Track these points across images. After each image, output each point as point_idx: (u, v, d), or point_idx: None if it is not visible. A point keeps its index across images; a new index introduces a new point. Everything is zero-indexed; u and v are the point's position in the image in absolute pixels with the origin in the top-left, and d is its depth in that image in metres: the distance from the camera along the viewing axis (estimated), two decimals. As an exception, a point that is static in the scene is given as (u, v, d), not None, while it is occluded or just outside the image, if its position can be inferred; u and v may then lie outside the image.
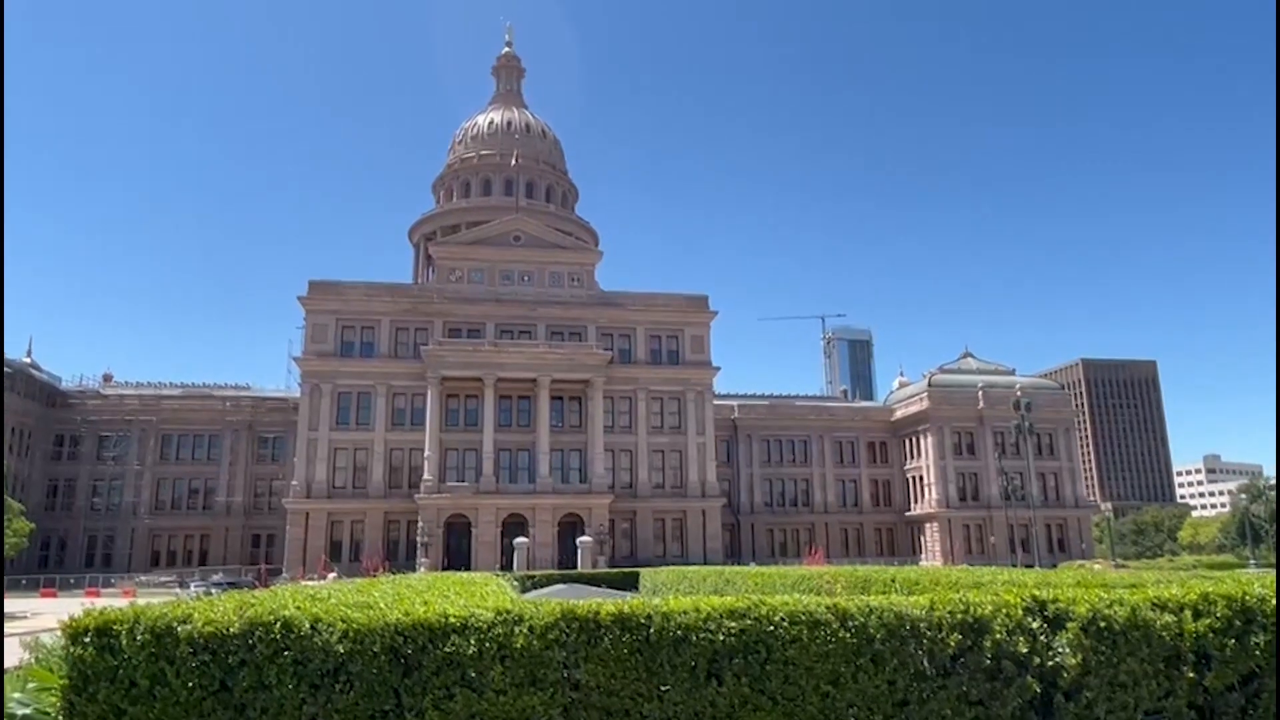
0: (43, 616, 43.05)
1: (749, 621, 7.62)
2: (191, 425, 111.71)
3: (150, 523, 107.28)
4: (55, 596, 71.93)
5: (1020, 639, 7.87)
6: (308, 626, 7.22)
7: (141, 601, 7.86)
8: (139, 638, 7.01)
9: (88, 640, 7.04)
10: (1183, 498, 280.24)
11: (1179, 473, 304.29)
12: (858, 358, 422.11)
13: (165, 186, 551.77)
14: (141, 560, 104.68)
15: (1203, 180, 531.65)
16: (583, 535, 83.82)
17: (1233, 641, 8.19)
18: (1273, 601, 8.46)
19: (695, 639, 7.49)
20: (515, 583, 27.12)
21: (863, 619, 7.75)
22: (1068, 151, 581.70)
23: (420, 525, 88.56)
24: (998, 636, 7.84)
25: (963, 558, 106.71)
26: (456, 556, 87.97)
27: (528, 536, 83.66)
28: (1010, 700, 7.75)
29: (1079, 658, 7.87)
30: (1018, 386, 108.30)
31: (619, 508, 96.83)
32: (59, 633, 7.55)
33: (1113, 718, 7.94)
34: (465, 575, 20.93)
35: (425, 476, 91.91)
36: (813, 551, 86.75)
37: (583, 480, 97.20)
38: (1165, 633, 8.12)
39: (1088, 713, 7.89)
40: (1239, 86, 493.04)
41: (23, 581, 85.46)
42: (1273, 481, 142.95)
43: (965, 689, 7.76)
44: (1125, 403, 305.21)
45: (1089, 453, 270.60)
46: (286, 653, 7.11)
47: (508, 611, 7.54)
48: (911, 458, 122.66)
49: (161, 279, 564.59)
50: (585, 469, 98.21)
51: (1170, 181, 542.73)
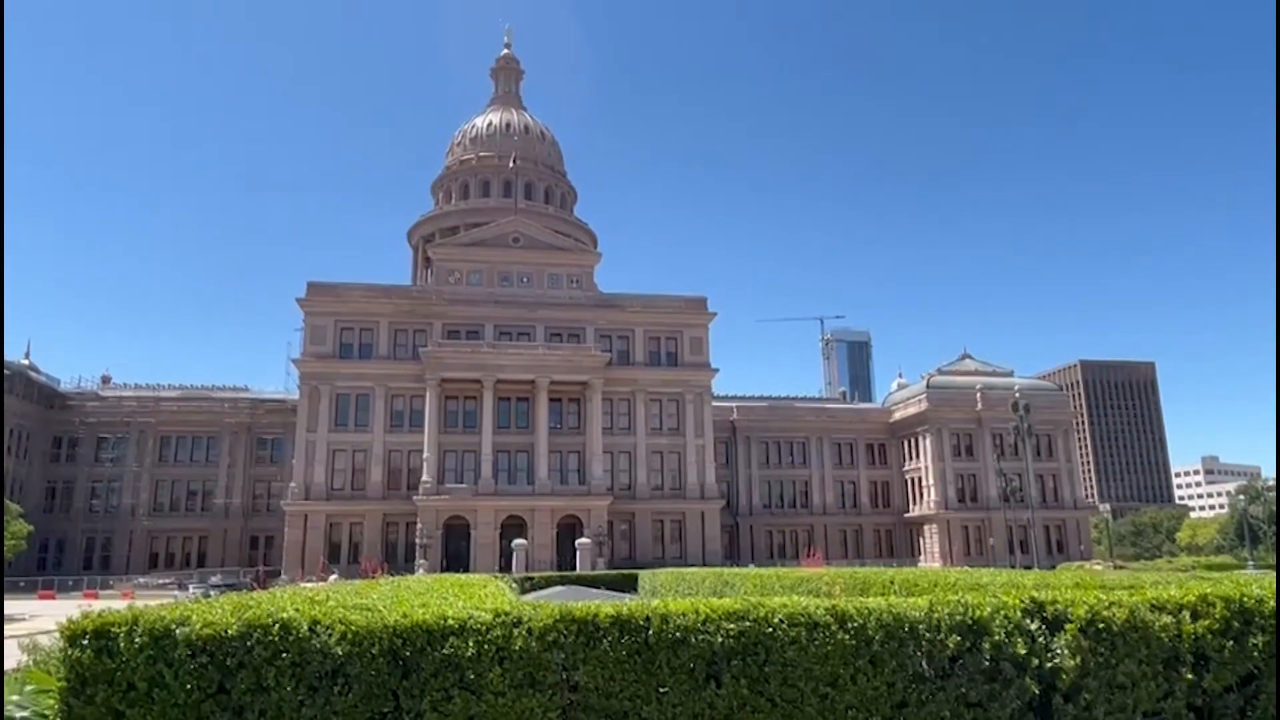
0: (41, 619, 42.96)
1: (748, 623, 7.61)
2: (190, 427, 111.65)
3: (149, 525, 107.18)
4: (53, 598, 71.87)
5: (1019, 640, 7.87)
6: (306, 628, 7.21)
7: (140, 603, 7.84)
8: (137, 640, 7.00)
9: (86, 642, 7.02)
10: (1181, 499, 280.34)
11: (1177, 474, 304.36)
12: (856, 359, 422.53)
13: (164, 188, 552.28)
14: (140, 562, 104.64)
15: (1202, 182, 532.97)
16: (581, 537, 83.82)
17: (1231, 643, 8.20)
18: (1271, 603, 8.46)
19: (694, 641, 7.49)
20: (514, 584, 27.09)
21: (861, 621, 7.75)
22: (1067, 153, 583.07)
23: (419, 527, 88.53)
24: (996, 638, 7.84)
25: (961, 559, 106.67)
26: (455, 558, 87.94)
27: (526, 538, 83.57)
28: (1009, 702, 7.75)
29: (1077, 659, 7.87)
30: (1016, 388, 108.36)
31: (618, 509, 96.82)
32: (57, 635, 7.53)
33: (1111, 719, 7.95)
34: (464, 577, 20.88)
35: (424, 478, 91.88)
36: (811, 553, 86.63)
37: (581, 482, 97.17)
38: (1164, 634, 8.12)
39: (1086, 714, 7.89)
40: (1239, 88, 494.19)
41: (21, 583, 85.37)
42: (1271, 483, 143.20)
43: (964, 691, 7.76)
44: (1124, 404, 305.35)
45: (1087, 454, 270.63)
46: (285, 655, 7.10)
47: (506, 613, 7.53)
48: (910, 459, 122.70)
49: (160, 280, 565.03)
50: (584, 471, 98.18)
51: (1169, 183, 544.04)
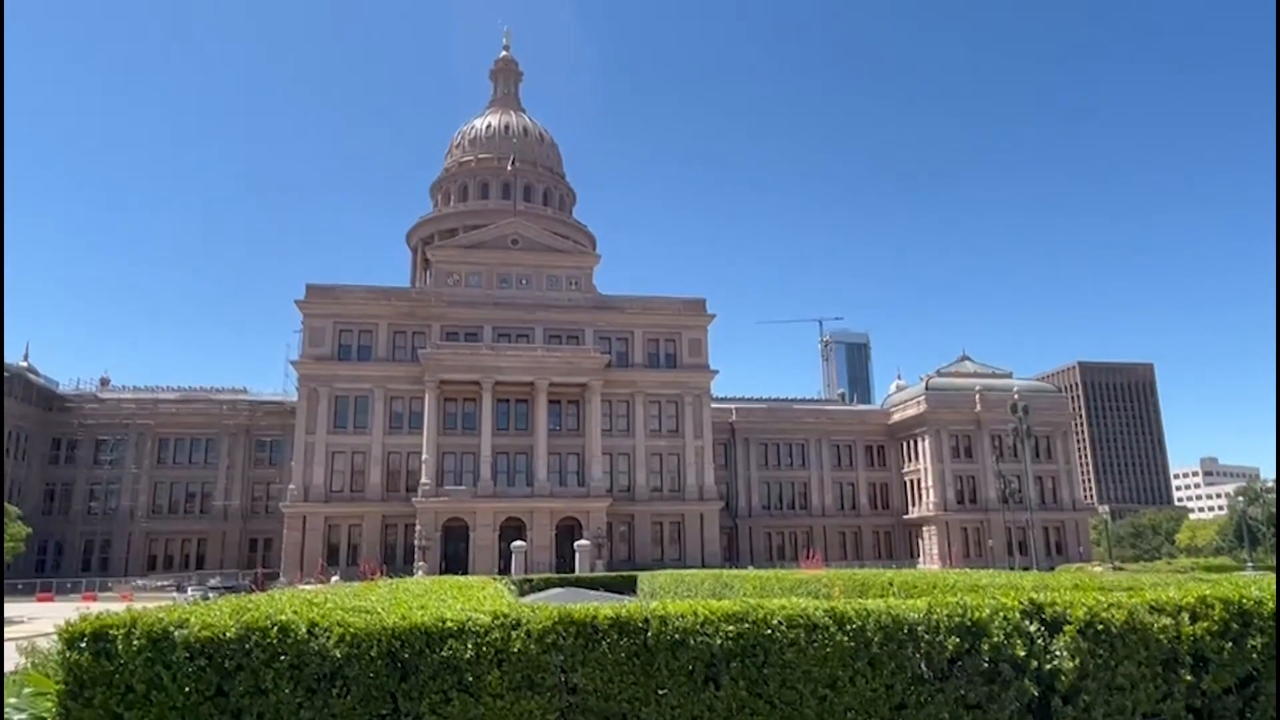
0: (39, 621, 42.90)
1: (746, 625, 7.61)
2: (188, 429, 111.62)
3: (147, 527, 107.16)
4: (52, 601, 71.80)
5: (1018, 642, 7.87)
6: (304, 631, 7.20)
7: (138, 606, 7.82)
8: (135, 642, 6.99)
9: (84, 645, 7.00)
10: (1180, 500, 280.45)
11: (1176, 475, 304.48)
12: (855, 361, 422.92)
13: (163, 189, 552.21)
14: (138, 564, 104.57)
15: (1202, 183, 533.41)
16: (580, 539, 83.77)
17: (1230, 644, 8.19)
18: (1270, 604, 8.46)
19: (693, 643, 7.48)
20: (513, 586, 27.09)
21: (860, 622, 7.75)
22: (1066, 154, 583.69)
23: (418, 529, 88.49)
24: (995, 640, 7.83)
25: (960, 560, 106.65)
26: (454, 560, 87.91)
27: (525, 540, 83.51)
28: (1008, 703, 7.75)
29: (1076, 661, 7.86)
30: (1015, 389, 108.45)
31: (617, 511, 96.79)
32: (55, 637, 7.52)
33: (1110, 721, 7.94)
34: (463, 579, 20.89)
35: (423, 480, 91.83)
36: (810, 555, 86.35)
37: (580, 484, 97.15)
38: (1163, 636, 8.12)
39: (1085, 716, 7.88)
40: (1238, 88, 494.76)
41: (19, 586, 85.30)
42: (1270, 484, 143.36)
43: (963, 692, 7.75)
44: (1122, 405, 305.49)
45: (1086, 455, 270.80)
46: (283, 657, 7.09)
47: (505, 615, 7.53)
48: (909, 461, 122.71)
49: (159, 282, 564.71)
50: (583, 472, 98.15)
51: (1169, 184, 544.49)
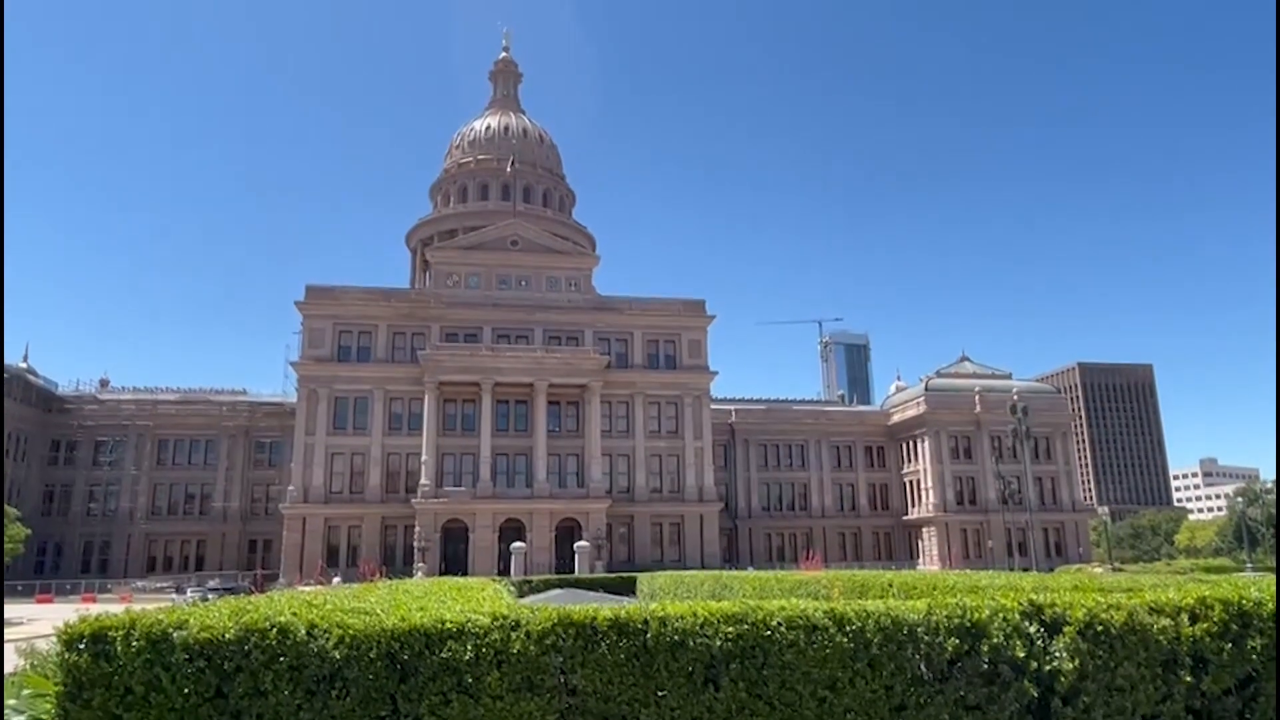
0: (39, 622, 42.88)
1: (746, 626, 7.60)
2: (188, 430, 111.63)
3: (147, 528, 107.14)
4: (51, 602, 71.68)
5: (1017, 643, 7.87)
6: (303, 632, 7.20)
7: (137, 607, 7.82)
8: (134, 644, 6.99)
9: (83, 646, 7.00)
10: (1179, 501, 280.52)
11: (1175, 476, 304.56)
12: (855, 362, 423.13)
13: (163, 190, 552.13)
14: (138, 566, 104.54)
15: (1201, 184, 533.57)
16: (580, 540, 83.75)
17: (1229, 645, 8.19)
18: (1269, 605, 8.46)
19: (692, 644, 7.48)
20: (513, 588, 27.09)
21: (860, 624, 7.75)
22: (1065, 155, 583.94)
23: (417, 530, 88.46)
24: (995, 641, 7.83)
25: (960, 562, 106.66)
26: (454, 562, 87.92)
27: (525, 541, 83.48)
28: (1008, 705, 7.75)
29: (1076, 662, 7.86)
30: (1015, 390, 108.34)
31: (616, 512, 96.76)
32: (54, 639, 7.51)
33: (1110, 722, 7.94)
34: (462, 580, 20.90)
35: (422, 481, 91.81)
36: (810, 556, 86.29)
37: (580, 485, 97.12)
38: (1162, 637, 8.12)
39: (1085, 717, 7.88)
40: (1238, 90, 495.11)
41: (19, 587, 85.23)
42: (1269, 485, 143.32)
43: (962, 694, 7.75)
44: (1122, 406, 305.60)
45: (1086, 456, 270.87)
46: (282, 659, 7.09)
47: (504, 617, 7.53)
48: (909, 462, 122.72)
49: (158, 284, 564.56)
50: (582, 474, 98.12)
51: (1168, 186, 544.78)
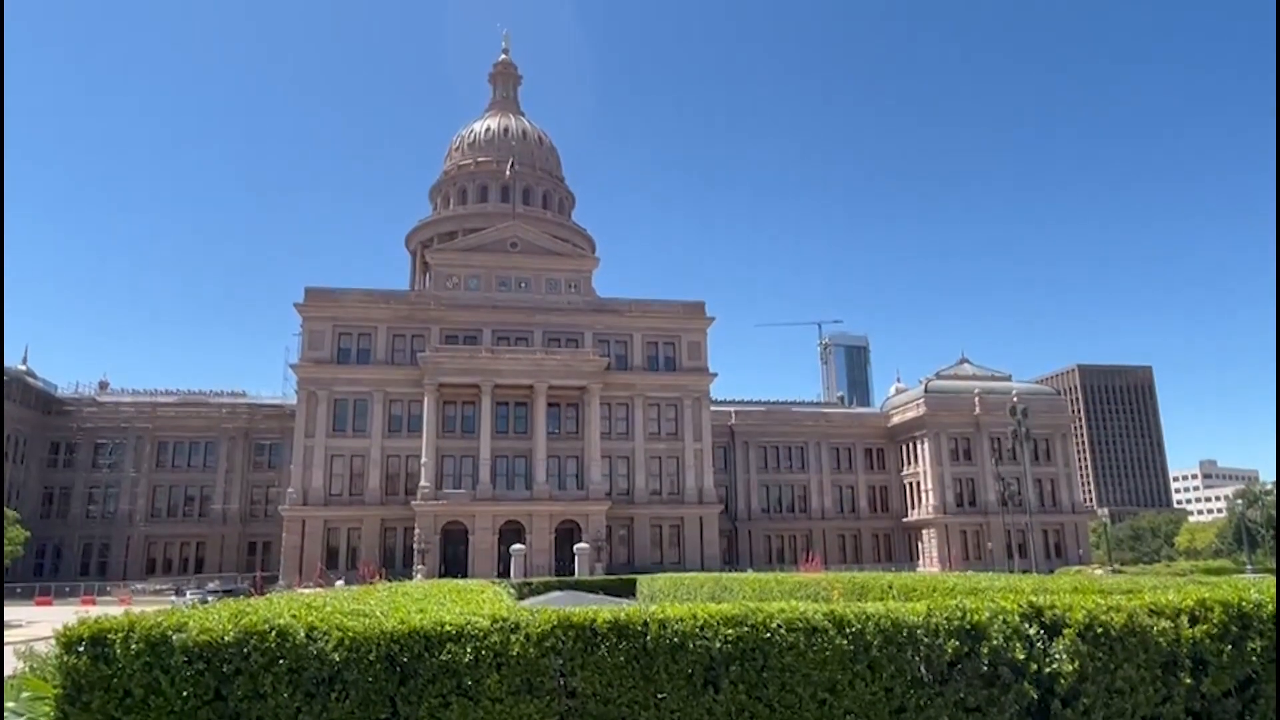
0: (38, 625, 42.88)
1: (746, 629, 7.60)
2: (187, 432, 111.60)
3: (146, 530, 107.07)
4: (50, 604, 71.61)
5: (1017, 645, 7.87)
6: (303, 635, 7.20)
7: (137, 610, 7.82)
8: (133, 646, 6.98)
9: (82, 649, 7.00)
10: (1179, 503, 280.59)
11: (1175, 478, 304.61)
12: (855, 363, 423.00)
13: (162, 192, 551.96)
14: (137, 568, 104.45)
15: (1201, 187, 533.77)
16: (580, 542, 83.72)
17: (1229, 647, 8.19)
18: (1269, 607, 8.46)
19: (692, 646, 7.48)
20: (512, 590, 27.10)
21: (860, 626, 7.74)
22: (1065, 158, 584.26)
23: (417, 532, 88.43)
24: (995, 643, 7.83)
25: (960, 563, 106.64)
26: (453, 564, 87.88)
27: (525, 543, 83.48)
28: (1008, 707, 7.74)
29: (1076, 664, 7.86)
30: (1014, 392, 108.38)
31: (616, 514, 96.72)
32: (53, 641, 7.51)
33: (1110, 724, 7.93)
34: (462, 582, 20.90)
35: (422, 483, 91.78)
36: (810, 558, 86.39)
37: (580, 487, 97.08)
38: (1162, 639, 8.11)
39: (1085, 719, 7.88)
40: (1238, 92, 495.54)
41: (18, 589, 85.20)
42: (1269, 487, 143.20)
43: (962, 696, 7.75)
44: (1121, 408, 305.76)
45: (1085, 458, 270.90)
46: (281, 661, 7.08)
47: (504, 619, 7.52)
48: (908, 463, 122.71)
49: (158, 286, 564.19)
50: (582, 475, 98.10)
51: (1168, 188, 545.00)
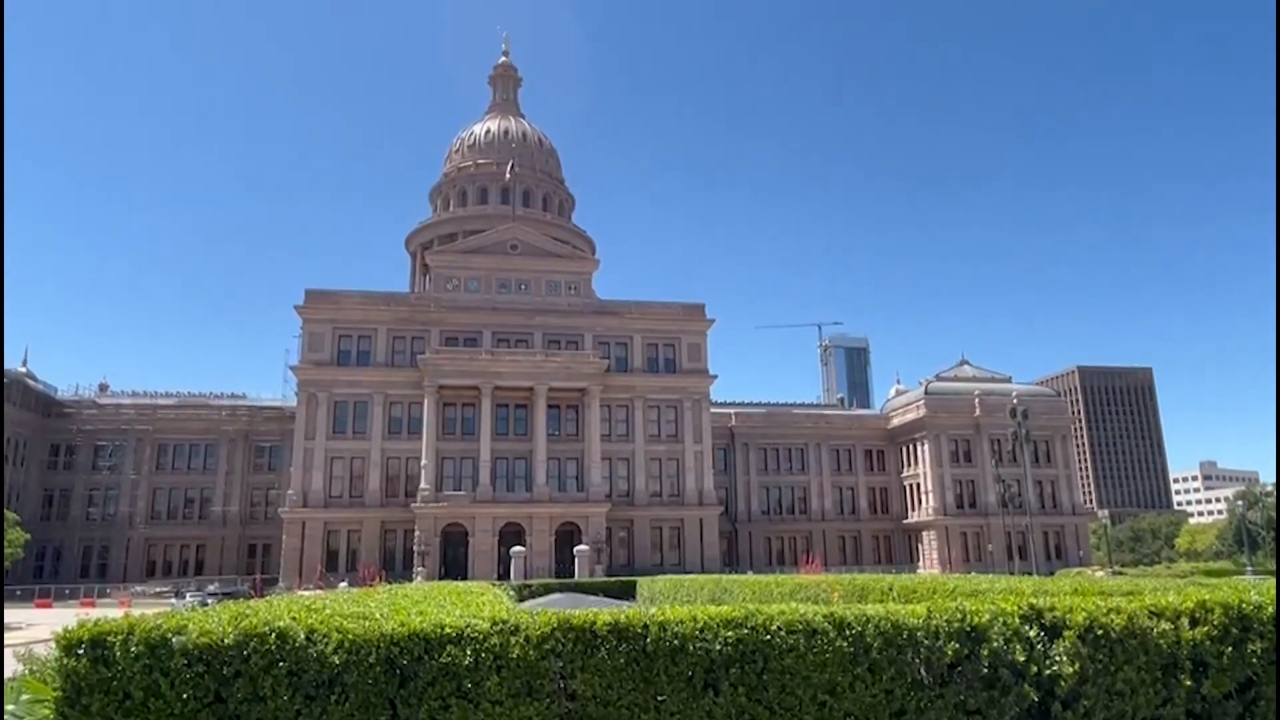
0: (38, 627, 42.92)
1: (746, 631, 7.60)
2: (187, 435, 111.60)
3: (146, 532, 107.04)
4: (50, 607, 71.65)
5: (1017, 647, 7.86)
6: (303, 637, 7.19)
7: (137, 612, 7.81)
8: (133, 649, 6.98)
9: (81, 652, 6.99)
10: (1179, 504, 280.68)
11: (1175, 479, 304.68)
12: (855, 365, 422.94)
13: (162, 195, 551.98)
14: (137, 570, 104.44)
15: (1200, 188, 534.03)
16: (580, 544, 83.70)
17: (1230, 649, 8.19)
18: (1269, 609, 8.45)
19: (692, 649, 7.47)
20: (512, 592, 27.10)
21: (860, 628, 7.74)
22: (1065, 159, 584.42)
23: (417, 534, 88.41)
24: (995, 645, 7.83)
25: (960, 565, 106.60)
26: (453, 566, 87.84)
27: (525, 545, 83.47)
28: (1008, 709, 7.74)
29: (1076, 666, 7.86)
30: (1014, 394, 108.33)
31: (616, 516, 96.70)
32: (53, 644, 7.51)
33: (1110, 726, 7.92)
34: (462, 585, 20.88)
35: (422, 485, 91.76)
36: (810, 560, 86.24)
37: (580, 489, 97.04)
38: (1162, 640, 8.11)
39: (1085, 721, 7.87)
40: (1238, 93, 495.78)
41: (18, 592, 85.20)
42: (1269, 488, 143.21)
43: (962, 698, 7.74)
44: (1121, 410, 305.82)
45: (1085, 460, 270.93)
46: (281, 664, 7.08)
47: (504, 621, 7.52)
48: (908, 465, 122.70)
49: (158, 288, 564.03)
50: (582, 477, 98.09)
51: (1168, 190, 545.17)
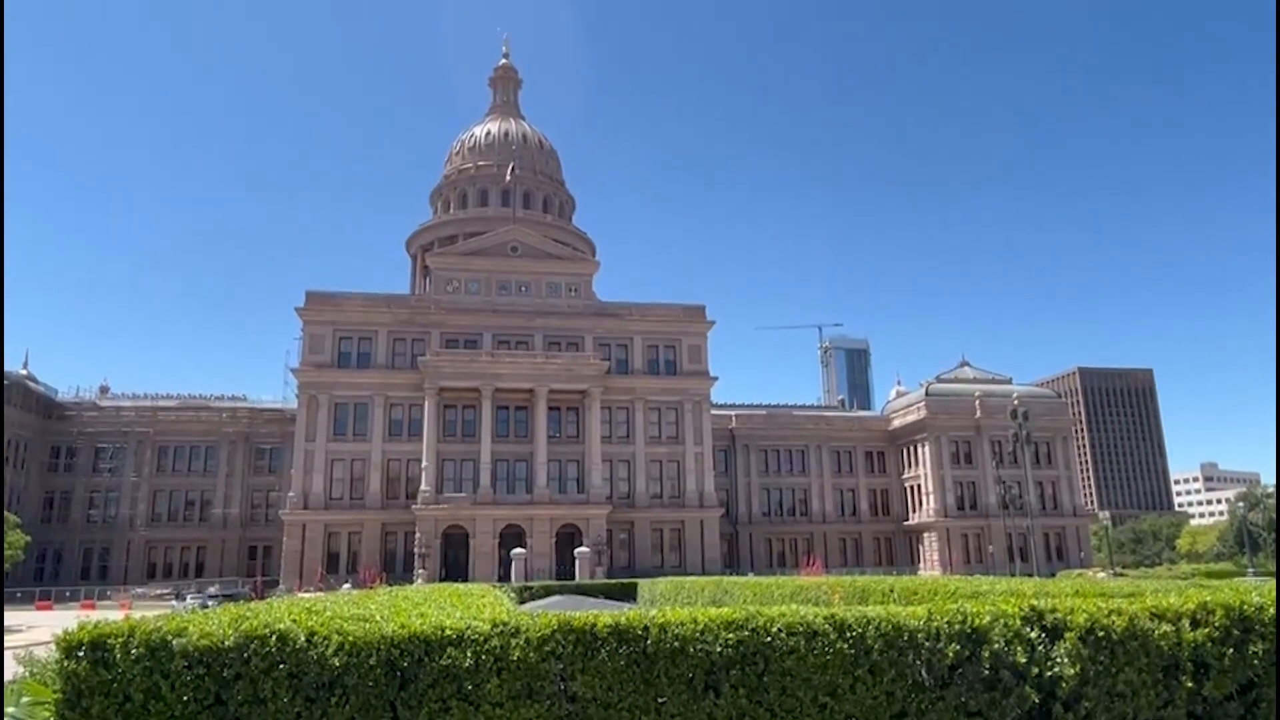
0: (38, 629, 42.95)
1: (746, 633, 7.60)
2: (188, 437, 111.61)
3: (146, 535, 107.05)
4: (51, 609, 71.68)
5: (1018, 649, 7.86)
6: (303, 639, 7.19)
7: (137, 614, 7.81)
8: (133, 651, 6.98)
9: (82, 654, 7.00)
10: (1180, 506, 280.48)
11: (1176, 481, 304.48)
12: (855, 367, 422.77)
13: (163, 197, 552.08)
14: (138, 572, 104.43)
15: (1201, 190, 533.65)
16: (580, 546, 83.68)
17: (1231, 651, 8.18)
18: (1270, 610, 8.45)
19: (692, 651, 7.47)
20: (513, 594, 27.10)
21: (860, 630, 7.74)
22: (1065, 161, 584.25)
23: (417, 536, 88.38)
24: (996, 646, 7.82)
25: (961, 567, 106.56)
26: (454, 568, 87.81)
27: (525, 547, 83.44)
28: (1009, 710, 7.73)
29: (1077, 667, 7.85)
30: (1015, 395, 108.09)
31: (617, 518, 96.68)
32: (53, 646, 7.51)
33: (1111, 728, 7.92)
34: (462, 586, 20.91)
35: (422, 487, 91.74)
36: (810, 561, 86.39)
37: (580, 491, 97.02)
38: (1163, 642, 8.11)
39: (1086, 723, 7.86)
40: (1238, 94, 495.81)
41: (19, 594, 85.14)
42: (1270, 489, 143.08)
43: (963, 699, 7.74)
44: (1122, 411, 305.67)
45: (1086, 461, 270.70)
46: (282, 666, 7.08)
47: (504, 623, 7.52)
48: (909, 467, 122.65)
49: (158, 290, 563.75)
50: (583, 479, 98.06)
51: (1168, 191, 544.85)
